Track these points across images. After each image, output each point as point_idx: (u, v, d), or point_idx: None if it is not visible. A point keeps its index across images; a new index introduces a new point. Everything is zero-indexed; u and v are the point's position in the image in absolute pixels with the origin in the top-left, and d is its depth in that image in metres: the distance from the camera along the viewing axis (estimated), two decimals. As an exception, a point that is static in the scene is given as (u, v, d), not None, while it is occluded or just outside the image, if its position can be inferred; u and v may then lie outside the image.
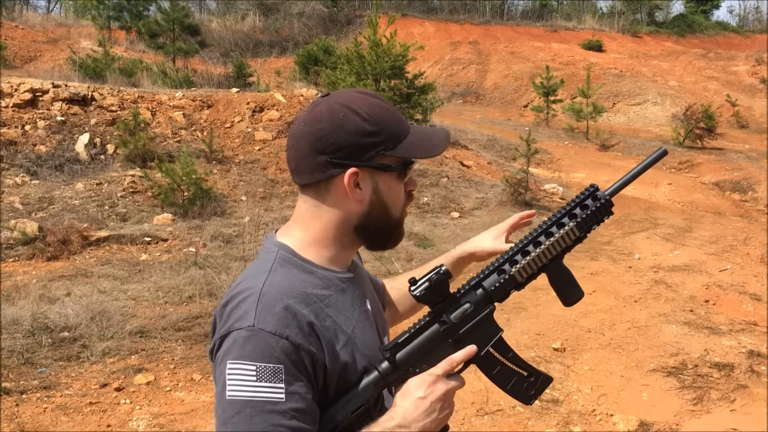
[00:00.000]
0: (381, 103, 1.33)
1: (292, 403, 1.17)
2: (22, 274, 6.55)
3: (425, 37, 26.34)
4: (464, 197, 10.44)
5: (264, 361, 1.17)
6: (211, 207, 8.63)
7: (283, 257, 1.32)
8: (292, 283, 1.27)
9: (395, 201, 1.35)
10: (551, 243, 1.35)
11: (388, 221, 1.35)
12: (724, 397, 4.77)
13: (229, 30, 29.93)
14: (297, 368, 1.19)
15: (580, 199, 1.39)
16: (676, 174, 15.00)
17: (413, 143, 1.33)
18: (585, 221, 1.37)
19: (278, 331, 1.19)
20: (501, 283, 1.34)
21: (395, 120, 1.32)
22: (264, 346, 1.17)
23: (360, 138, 1.28)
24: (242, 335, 1.18)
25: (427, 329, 1.31)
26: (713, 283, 7.18)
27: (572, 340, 5.63)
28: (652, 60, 27.72)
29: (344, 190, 1.29)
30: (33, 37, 21.17)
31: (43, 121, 9.89)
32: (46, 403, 4.33)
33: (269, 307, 1.21)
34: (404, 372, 1.29)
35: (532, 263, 1.35)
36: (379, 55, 12.26)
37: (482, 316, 1.33)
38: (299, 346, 1.20)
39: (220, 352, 1.21)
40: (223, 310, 1.26)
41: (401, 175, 1.34)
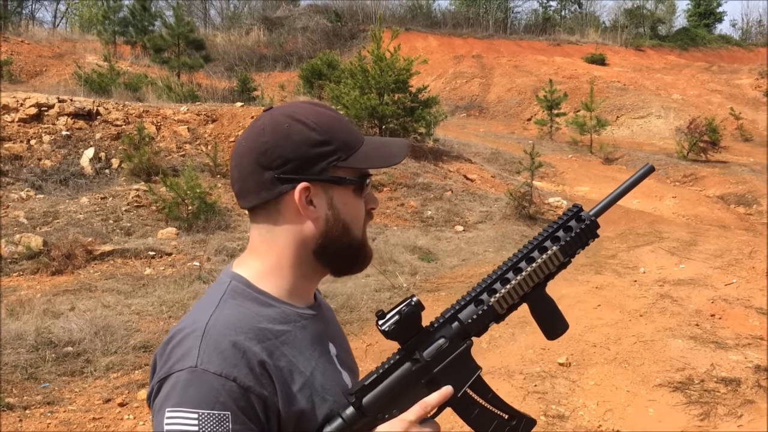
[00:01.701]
0: (329, 112, 1.21)
1: None
2: (27, 289, 6.56)
3: (429, 51, 26.46)
4: (468, 211, 10.43)
5: (207, 407, 1.02)
6: (215, 221, 8.64)
7: (236, 288, 1.17)
8: (243, 317, 1.12)
9: (355, 218, 1.20)
10: (533, 269, 1.22)
11: (349, 242, 1.20)
12: (731, 413, 4.73)
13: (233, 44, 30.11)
14: (246, 415, 1.05)
15: (563, 220, 1.25)
16: (681, 187, 14.98)
17: (368, 153, 1.20)
18: (569, 245, 1.24)
19: (224, 372, 1.04)
20: (479, 315, 1.20)
21: (346, 129, 1.20)
22: (208, 390, 1.03)
23: (308, 149, 1.15)
24: (183, 378, 1.04)
25: (397, 369, 1.16)
26: (719, 297, 7.14)
27: (577, 354, 5.60)
28: (656, 73, 27.77)
29: (296, 208, 1.15)
30: (39, 52, 21.29)
31: (49, 135, 9.93)
32: (49, 419, 4.32)
33: (215, 344, 1.06)
34: (372, 419, 1.13)
35: (513, 292, 1.21)
36: (383, 69, 12.31)
37: (459, 352, 1.18)
38: (248, 389, 1.05)
39: (158, 399, 1.06)
40: (164, 348, 1.11)
41: (359, 189, 1.20)
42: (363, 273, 7.35)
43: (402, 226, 9.56)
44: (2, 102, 10.03)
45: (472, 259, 8.37)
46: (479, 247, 8.85)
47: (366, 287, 6.93)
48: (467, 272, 7.86)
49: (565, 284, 7.44)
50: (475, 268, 8.05)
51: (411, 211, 10.12)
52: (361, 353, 5.39)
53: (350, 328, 5.84)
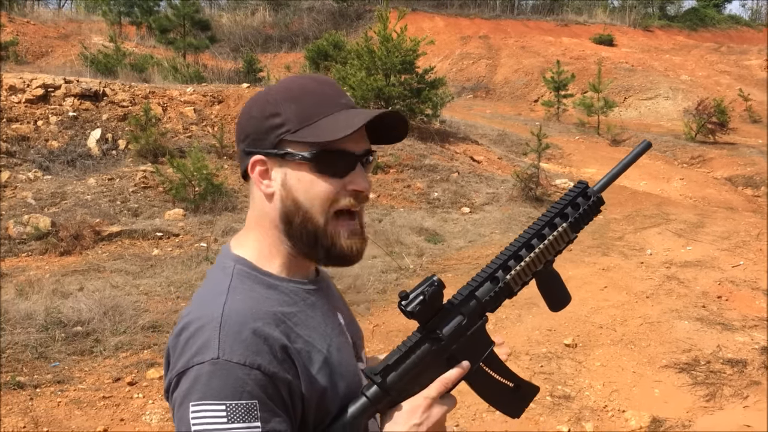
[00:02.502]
0: (307, 84, 1.16)
1: None
2: (35, 269, 6.60)
3: (435, 31, 26.29)
4: (475, 192, 10.42)
5: (235, 398, 1.00)
6: (222, 202, 8.66)
7: (241, 272, 1.15)
8: (256, 303, 1.10)
9: (312, 199, 1.13)
10: (545, 246, 1.24)
11: (305, 223, 1.14)
12: (736, 394, 4.74)
13: (239, 25, 29.97)
14: (273, 401, 1.04)
15: (570, 197, 1.29)
16: (688, 169, 14.92)
17: (326, 125, 1.12)
18: (577, 221, 1.27)
19: (248, 360, 1.02)
20: (495, 293, 1.22)
21: (312, 101, 1.13)
22: (233, 380, 1.01)
23: (260, 121, 1.14)
24: (205, 370, 1.01)
25: (419, 348, 1.17)
26: (726, 278, 7.14)
27: (584, 335, 5.62)
28: (664, 54, 27.55)
29: (255, 180, 1.16)
30: (44, 33, 21.26)
31: (55, 116, 9.94)
32: (59, 397, 4.36)
33: (235, 333, 1.04)
34: (395, 397, 1.15)
35: (527, 269, 1.24)
36: (390, 50, 12.25)
37: (475, 329, 1.22)
38: (273, 375, 1.04)
39: (178, 393, 1.04)
40: (177, 340, 1.08)
41: (322, 166, 1.12)
42: (369, 254, 7.37)
43: (408, 207, 9.56)
44: (9, 83, 10.03)
45: (479, 241, 8.37)
46: (486, 229, 8.85)
47: (373, 268, 6.95)
48: (474, 254, 7.87)
49: (572, 266, 7.44)
50: (482, 249, 8.06)
51: (417, 192, 10.11)
52: (368, 334, 5.42)
53: (357, 309, 5.86)
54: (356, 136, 1.14)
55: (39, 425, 4.06)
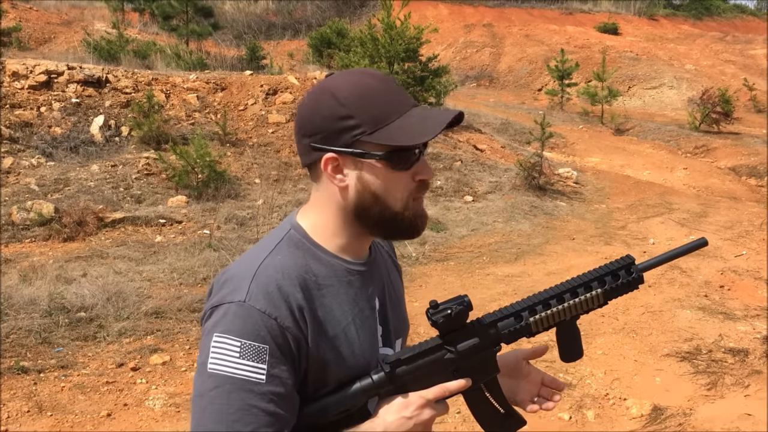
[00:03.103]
0: (373, 84, 1.23)
1: (272, 386, 1.14)
2: (39, 255, 6.62)
3: (439, 19, 26.16)
4: (478, 181, 10.41)
5: (250, 338, 1.14)
6: (225, 189, 8.66)
7: (293, 237, 1.28)
8: (293, 265, 1.23)
9: (389, 191, 1.23)
10: (574, 304, 1.32)
11: (384, 212, 1.25)
12: (738, 383, 4.75)
13: (242, 12, 29.87)
14: (282, 352, 1.16)
15: (614, 267, 1.34)
16: (692, 158, 14.88)
17: (400, 128, 1.21)
18: (612, 291, 1.34)
19: (268, 310, 1.16)
20: (515, 330, 1.31)
21: (382, 102, 1.22)
22: (252, 323, 1.15)
23: (333, 122, 1.21)
24: (232, 309, 1.16)
25: (433, 354, 1.28)
26: (728, 268, 7.13)
27: (585, 324, 5.62)
28: (669, 43, 27.42)
29: (327, 175, 1.24)
30: (47, 19, 21.19)
31: (58, 102, 9.93)
32: (63, 382, 4.39)
33: (263, 284, 1.18)
34: (397, 388, 1.26)
35: (550, 318, 1.31)
36: (393, 38, 12.21)
37: (487, 354, 1.31)
38: (287, 328, 1.17)
39: (209, 323, 1.19)
40: (219, 278, 1.24)
41: (395, 163, 1.22)
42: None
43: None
44: (12, 69, 10.02)
45: (482, 229, 8.37)
46: (489, 218, 8.84)
47: (375, 256, 6.95)
48: (476, 242, 7.87)
49: (575, 255, 7.45)
50: (485, 238, 8.06)
51: (420, 180, 10.10)
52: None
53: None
54: None
55: (43, 410, 4.08)
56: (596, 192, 10.90)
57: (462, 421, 4.10)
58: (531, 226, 8.61)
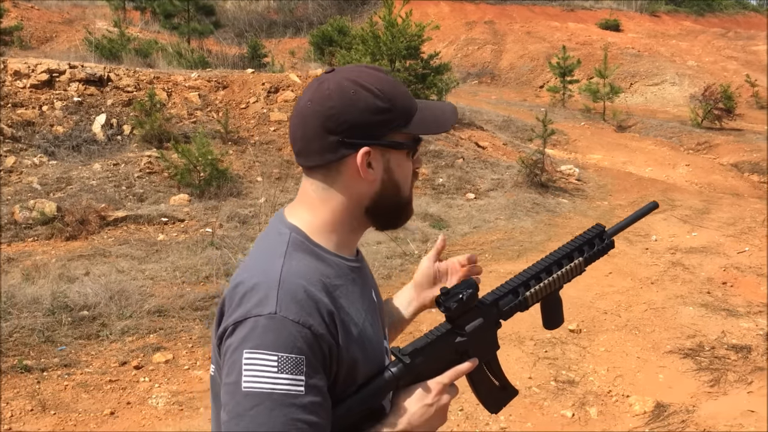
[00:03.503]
0: (390, 79, 1.28)
1: (312, 397, 1.12)
2: (42, 254, 6.62)
3: (440, 17, 26.12)
4: (480, 178, 10.40)
5: (286, 351, 1.10)
6: (227, 187, 8.66)
7: (296, 241, 1.25)
8: (310, 270, 1.21)
9: (405, 179, 1.30)
10: (561, 274, 1.43)
11: (398, 200, 1.31)
12: (741, 379, 4.75)
13: (243, 10, 29.86)
14: (317, 360, 1.14)
15: (587, 236, 1.48)
16: (694, 155, 14.86)
17: (424, 119, 1.29)
18: (591, 258, 1.48)
19: (302, 320, 1.13)
20: (514, 305, 1.39)
21: (405, 95, 1.28)
22: (287, 335, 1.11)
23: (372, 115, 1.22)
24: (262, 323, 1.12)
25: (445, 340, 1.32)
26: (731, 265, 7.13)
27: (588, 321, 5.62)
28: (671, 40, 27.37)
29: (356, 170, 1.23)
30: (49, 18, 21.21)
31: (60, 101, 9.93)
32: (66, 381, 4.39)
33: (292, 293, 1.15)
34: (414, 377, 1.28)
35: (543, 290, 1.42)
36: (395, 35, 12.19)
37: (491, 332, 1.38)
38: (321, 336, 1.14)
39: (233, 339, 1.13)
40: (234, 292, 1.18)
41: (411, 152, 1.30)
42: (374, 240, 7.37)
43: (413, 193, 9.55)
44: (14, 68, 10.02)
45: (484, 227, 8.37)
46: (491, 215, 8.84)
47: (377, 254, 6.96)
48: (478, 239, 7.87)
49: (577, 252, 7.43)
50: (487, 235, 8.06)
51: (422, 178, 10.10)
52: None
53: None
54: None
55: (46, 408, 4.09)
56: (598, 189, 10.89)
57: (465, 418, 4.11)
58: (533, 224, 8.60)
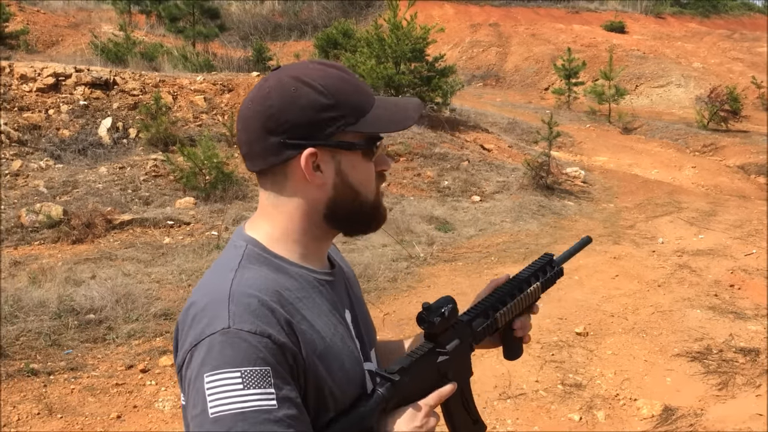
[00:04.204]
0: (340, 73, 1.17)
1: (285, 410, 1.02)
2: (48, 257, 6.64)
3: (445, 19, 26.11)
4: (485, 181, 10.39)
5: (249, 365, 1.01)
6: (232, 191, 8.66)
7: (252, 253, 1.16)
8: (264, 281, 1.12)
9: (364, 182, 1.19)
10: (524, 296, 1.45)
11: (359, 206, 1.19)
12: (749, 383, 4.72)
13: (248, 13, 29.90)
14: (284, 369, 1.05)
15: (539, 264, 1.52)
16: (700, 157, 14.81)
17: (379, 116, 1.17)
18: (546, 283, 1.52)
19: (258, 329, 1.03)
20: (486, 326, 1.37)
21: (357, 91, 1.17)
22: (246, 348, 1.02)
23: (315, 113, 1.12)
24: (218, 340, 1.02)
25: (429, 358, 1.26)
26: (738, 267, 7.09)
27: (595, 324, 5.60)
28: (676, 41, 27.30)
29: (302, 174, 1.14)
30: (54, 22, 21.28)
31: (66, 105, 9.96)
32: (73, 384, 4.40)
33: (244, 304, 1.05)
34: (402, 398, 1.21)
35: (510, 311, 1.42)
36: (400, 38, 12.20)
37: (466, 355, 1.34)
38: (283, 345, 1.05)
39: (192, 367, 1.04)
40: (185, 315, 1.09)
41: (368, 153, 1.18)
42: (380, 243, 7.36)
43: (418, 196, 9.55)
44: (20, 72, 10.06)
45: (489, 229, 8.35)
46: (496, 217, 8.82)
47: (383, 257, 6.95)
48: (484, 242, 7.86)
49: (583, 254, 7.38)
50: (492, 238, 8.04)
51: (428, 181, 10.09)
52: (378, 322, 5.42)
53: (368, 297, 5.86)
54: None
55: (53, 412, 4.09)
56: (604, 191, 10.86)
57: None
58: (539, 226, 8.58)
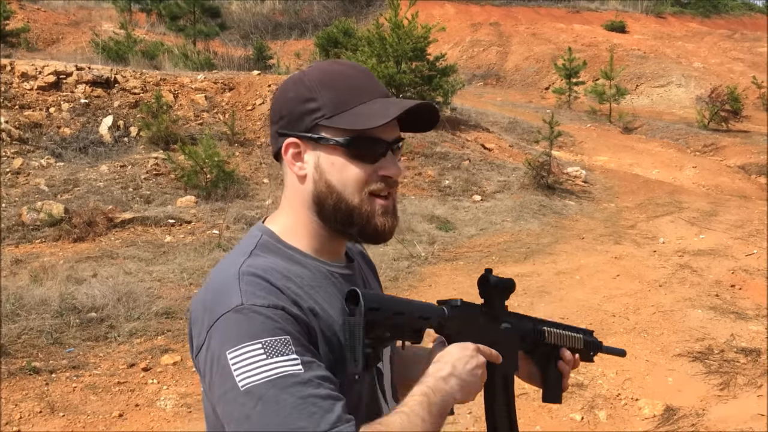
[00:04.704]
0: (344, 70, 1.19)
1: (312, 372, 1.03)
2: (49, 255, 6.64)
3: (445, 18, 26.08)
4: (486, 180, 10.39)
5: (268, 335, 1.02)
6: (233, 189, 8.66)
7: (266, 243, 1.19)
8: (275, 266, 1.14)
9: (345, 181, 1.16)
10: (570, 336, 1.49)
11: (338, 204, 1.16)
12: (750, 383, 4.73)
13: (248, 12, 29.89)
14: (303, 337, 1.07)
15: (582, 330, 1.56)
16: (701, 157, 14.81)
17: (361, 113, 1.14)
18: (588, 343, 1.55)
19: (271, 303, 1.06)
20: (535, 330, 1.41)
21: (348, 87, 1.16)
22: (263, 320, 1.04)
23: (296, 105, 1.17)
24: (233, 318, 1.04)
25: (489, 316, 1.31)
26: (739, 267, 7.10)
27: (596, 324, 5.60)
28: (677, 41, 27.30)
29: (291, 164, 1.20)
30: (55, 20, 21.27)
31: (67, 103, 9.96)
32: (75, 383, 4.40)
33: (254, 283, 1.08)
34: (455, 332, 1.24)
35: (558, 336, 1.45)
36: (401, 37, 12.19)
37: (514, 346, 1.37)
38: (296, 316, 1.07)
39: (212, 348, 1.05)
40: (197, 300, 1.13)
41: (354, 152, 1.15)
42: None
43: (419, 195, 9.55)
44: (21, 70, 10.05)
45: (490, 229, 8.35)
46: (497, 217, 8.83)
47: (384, 256, 6.95)
48: (485, 242, 7.86)
49: (584, 254, 7.42)
50: (493, 237, 8.04)
51: (428, 180, 10.09)
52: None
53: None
54: (389, 124, 1.16)
55: (55, 410, 4.09)
56: (605, 191, 10.86)
57: (474, 421, 4.09)
58: (540, 226, 8.58)
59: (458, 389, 1.16)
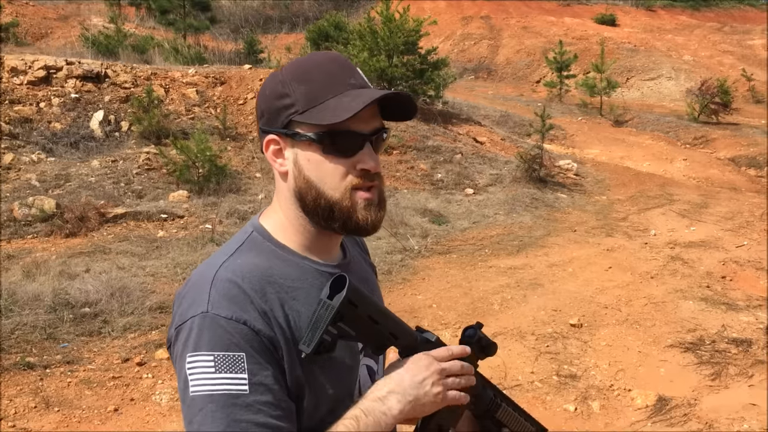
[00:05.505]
0: (319, 61, 1.17)
1: (258, 396, 1.04)
2: (41, 251, 6.61)
3: (436, 12, 26.07)
4: (478, 174, 10.41)
5: (222, 349, 1.04)
6: (226, 184, 8.65)
7: (255, 240, 1.20)
8: (255, 268, 1.14)
9: (323, 176, 1.15)
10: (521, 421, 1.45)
11: (318, 200, 1.15)
12: (742, 373, 4.77)
13: (239, 6, 29.76)
14: (260, 355, 1.06)
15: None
16: (691, 150, 14.88)
17: (329, 107, 1.12)
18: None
19: (234, 315, 1.06)
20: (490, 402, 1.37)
21: (322, 80, 1.14)
22: (221, 333, 1.05)
23: (273, 101, 1.16)
24: (197, 323, 1.07)
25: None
26: (730, 259, 7.15)
27: (589, 316, 5.64)
28: (667, 34, 27.38)
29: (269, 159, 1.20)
30: (44, 14, 21.14)
31: (58, 98, 9.90)
32: (69, 378, 4.39)
33: (224, 289, 1.09)
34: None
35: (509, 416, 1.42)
36: (392, 31, 12.19)
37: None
38: (259, 331, 1.07)
39: (177, 347, 1.10)
40: (179, 293, 1.15)
41: (328, 147, 1.13)
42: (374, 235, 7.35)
43: (412, 188, 9.56)
44: (11, 64, 9.99)
45: (483, 222, 8.38)
46: (490, 210, 8.85)
47: (378, 250, 6.96)
48: (478, 235, 7.88)
49: (576, 246, 7.46)
50: (486, 230, 8.07)
51: (421, 173, 10.11)
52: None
53: (363, 290, 5.87)
54: (365, 116, 1.13)
55: (50, 405, 4.09)
56: (597, 184, 10.91)
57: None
58: (532, 219, 8.62)
59: (400, 407, 1.11)
